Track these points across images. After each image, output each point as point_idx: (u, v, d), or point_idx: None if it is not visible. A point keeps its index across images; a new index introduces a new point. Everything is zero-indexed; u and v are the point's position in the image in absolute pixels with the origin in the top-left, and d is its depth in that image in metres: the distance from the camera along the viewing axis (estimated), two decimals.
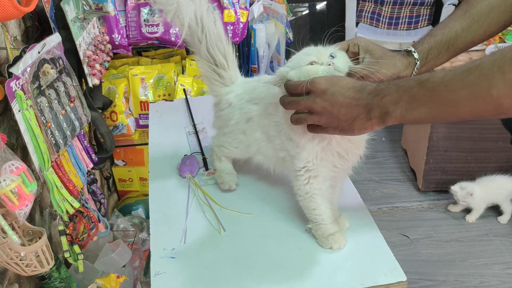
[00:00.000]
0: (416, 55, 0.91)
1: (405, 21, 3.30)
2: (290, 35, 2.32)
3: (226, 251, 0.94)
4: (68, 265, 1.41)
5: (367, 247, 0.94)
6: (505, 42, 2.22)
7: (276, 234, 0.98)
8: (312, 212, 0.93)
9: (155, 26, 1.73)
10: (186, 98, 1.45)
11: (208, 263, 0.91)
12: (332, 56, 0.83)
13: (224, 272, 0.89)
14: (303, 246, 0.95)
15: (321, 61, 0.82)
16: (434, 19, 3.26)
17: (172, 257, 0.93)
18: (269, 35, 2.07)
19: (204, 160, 1.18)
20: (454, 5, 2.99)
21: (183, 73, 1.91)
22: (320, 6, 3.86)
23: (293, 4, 3.69)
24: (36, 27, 1.33)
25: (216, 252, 0.94)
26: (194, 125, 1.32)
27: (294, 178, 0.93)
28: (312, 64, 0.82)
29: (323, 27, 3.81)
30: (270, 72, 2.15)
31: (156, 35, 1.75)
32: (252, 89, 1.01)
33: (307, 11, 3.87)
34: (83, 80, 1.47)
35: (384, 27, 3.34)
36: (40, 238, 0.95)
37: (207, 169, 1.17)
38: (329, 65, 0.81)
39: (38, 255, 0.94)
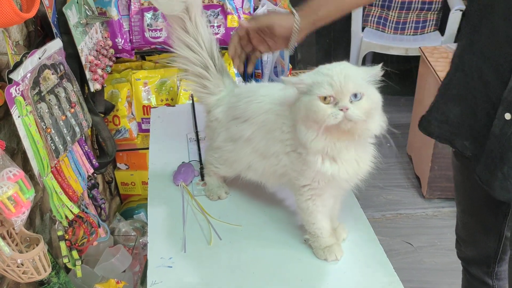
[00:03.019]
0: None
1: (411, 26, 3.28)
2: None
3: (223, 261, 0.93)
4: (67, 270, 1.41)
5: (366, 258, 0.93)
6: None
7: (274, 244, 0.97)
8: (312, 226, 0.92)
9: (158, 31, 1.73)
10: (193, 103, 1.44)
11: (205, 273, 0.91)
12: (356, 96, 0.76)
13: (221, 283, 0.89)
14: (301, 257, 0.94)
15: (338, 99, 0.76)
16: (441, 25, 3.24)
17: (169, 266, 0.92)
18: None
19: (201, 169, 1.17)
20: (461, 10, 2.97)
21: None
22: None
23: (297, 8, 3.69)
24: (38, 32, 1.33)
25: (214, 262, 0.93)
26: (196, 132, 1.31)
27: (297, 192, 0.91)
28: (325, 100, 0.76)
29: (329, 31, 3.80)
30: (274, 77, 2.14)
31: (159, 40, 1.75)
32: (234, 105, 0.98)
33: None
34: (85, 84, 1.47)
35: (390, 32, 3.32)
36: (37, 245, 0.95)
37: (202, 179, 1.15)
38: (342, 110, 0.75)
39: (35, 262, 0.94)
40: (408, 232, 2.28)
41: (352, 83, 0.76)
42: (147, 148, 1.97)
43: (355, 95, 0.76)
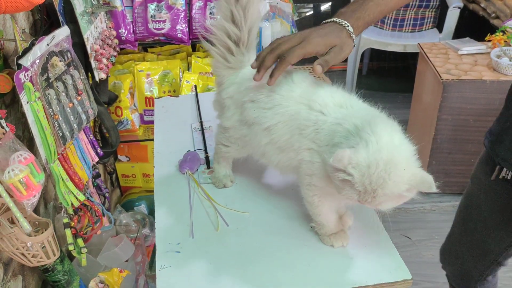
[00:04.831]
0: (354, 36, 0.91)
1: (410, 23, 3.30)
2: None
3: (230, 246, 0.94)
4: (71, 258, 1.41)
5: (372, 245, 0.94)
6: (510, 45, 2.22)
7: (281, 230, 0.98)
8: (317, 217, 0.93)
9: (161, 22, 1.74)
10: (196, 95, 1.44)
11: (213, 258, 0.92)
12: None
13: (228, 267, 0.90)
14: (307, 243, 0.95)
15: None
16: (439, 22, 3.26)
17: (177, 252, 0.93)
18: (274, 34, 2.07)
19: (207, 158, 1.18)
20: (459, 8, 2.99)
21: (188, 69, 1.91)
22: (324, 7, 3.87)
23: (298, 5, 3.70)
24: (44, 20, 1.34)
25: (221, 247, 0.94)
26: (201, 122, 1.32)
27: (305, 187, 0.91)
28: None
29: None
30: None
31: (163, 31, 1.76)
32: (255, 87, 0.92)
33: (312, 12, 3.88)
34: (89, 74, 1.47)
35: (388, 28, 3.34)
36: (46, 229, 0.96)
37: (208, 167, 1.16)
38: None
39: (44, 246, 0.95)
40: (407, 226, 2.30)
41: (377, 204, 0.77)
42: (149, 140, 1.98)
43: None
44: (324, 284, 0.85)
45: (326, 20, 0.91)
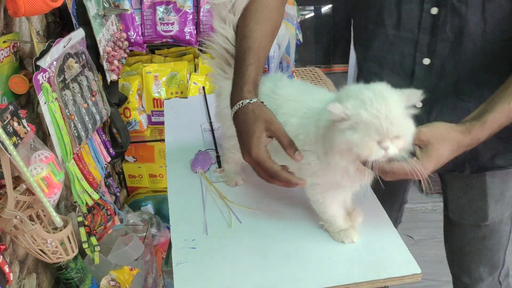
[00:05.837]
0: None
1: None
2: (300, 37, 2.36)
3: (244, 242, 0.97)
4: (82, 256, 1.44)
5: (382, 240, 0.97)
6: None
7: (293, 227, 1.01)
8: (324, 214, 0.96)
9: (170, 25, 1.77)
10: (205, 96, 1.48)
11: (227, 254, 0.94)
12: (396, 138, 0.78)
13: (243, 262, 0.92)
14: (319, 239, 0.98)
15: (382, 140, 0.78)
16: None
17: (192, 248, 0.96)
18: (279, 36, 2.09)
19: (218, 157, 1.21)
20: None
21: (195, 71, 1.94)
22: (325, 9, 3.91)
23: (299, 7, 3.73)
24: (57, 23, 1.36)
25: (235, 244, 0.97)
26: (210, 123, 1.35)
27: (306, 188, 0.96)
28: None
29: (328, 30, 3.85)
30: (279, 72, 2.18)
31: (171, 33, 1.79)
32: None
33: (313, 14, 3.92)
34: (100, 75, 1.49)
35: None
36: (65, 227, 0.98)
37: (220, 166, 1.19)
38: (384, 150, 0.78)
39: (63, 243, 0.97)
40: (409, 225, 2.33)
41: (397, 128, 0.77)
42: (156, 141, 2.01)
43: (396, 137, 0.79)
44: (337, 278, 0.88)
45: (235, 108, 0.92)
